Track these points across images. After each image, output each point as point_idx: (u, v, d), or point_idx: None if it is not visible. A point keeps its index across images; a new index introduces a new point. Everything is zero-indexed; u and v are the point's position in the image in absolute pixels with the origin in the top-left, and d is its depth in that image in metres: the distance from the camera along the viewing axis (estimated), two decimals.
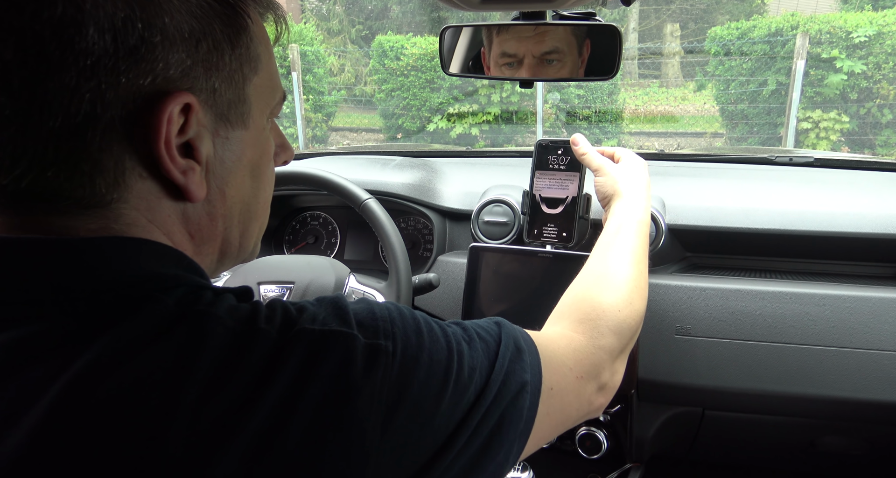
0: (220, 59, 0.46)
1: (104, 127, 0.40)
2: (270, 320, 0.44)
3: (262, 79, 0.50)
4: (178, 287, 0.44)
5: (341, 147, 6.42)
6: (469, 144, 7.54)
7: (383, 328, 0.47)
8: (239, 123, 0.49)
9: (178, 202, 0.47)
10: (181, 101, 0.43)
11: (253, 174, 0.52)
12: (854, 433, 1.14)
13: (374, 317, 0.48)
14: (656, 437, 1.19)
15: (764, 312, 1.04)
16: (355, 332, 0.45)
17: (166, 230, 0.47)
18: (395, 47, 7.90)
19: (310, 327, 0.44)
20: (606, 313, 0.73)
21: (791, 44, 6.42)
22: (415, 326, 0.49)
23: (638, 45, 9.96)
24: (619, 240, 0.84)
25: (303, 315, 0.46)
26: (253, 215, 0.55)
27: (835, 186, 1.25)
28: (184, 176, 0.45)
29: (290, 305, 0.47)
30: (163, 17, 0.41)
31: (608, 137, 7.67)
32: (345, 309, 0.48)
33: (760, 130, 6.86)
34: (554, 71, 0.95)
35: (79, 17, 0.38)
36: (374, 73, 8.29)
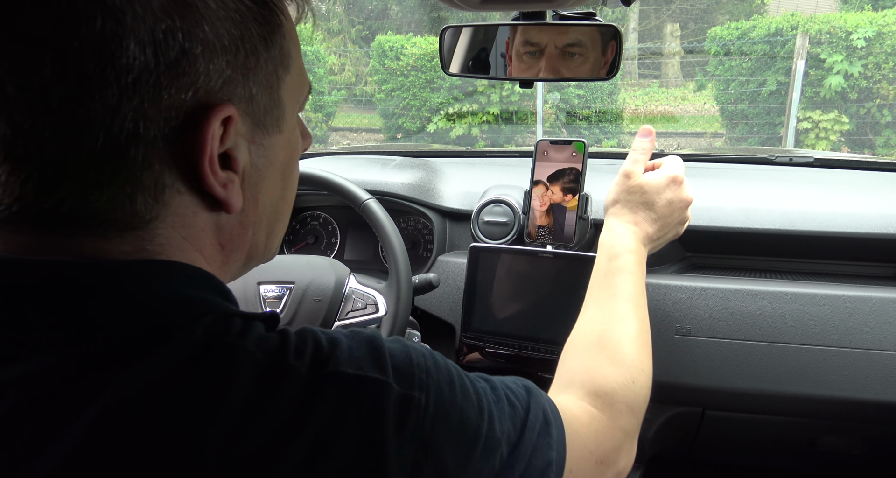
0: (255, 63, 0.43)
1: (146, 145, 0.39)
2: (300, 355, 0.42)
3: (293, 77, 0.48)
4: (207, 314, 0.42)
5: (341, 147, 6.42)
6: (469, 144, 7.54)
7: (419, 378, 0.45)
8: (274, 129, 0.47)
9: (213, 214, 0.45)
10: (223, 114, 0.41)
11: (283, 176, 0.50)
12: (854, 433, 1.14)
13: (411, 363, 0.45)
14: (656, 437, 1.19)
15: (764, 312, 1.04)
16: (390, 380, 0.43)
17: (199, 245, 0.45)
18: (395, 47, 7.90)
19: (343, 370, 0.42)
20: (621, 388, 0.68)
21: (791, 44, 6.42)
22: (448, 378, 0.47)
23: (638, 45, 9.96)
24: (612, 286, 0.78)
25: (335, 352, 0.43)
26: (280, 217, 0.53)
27: (835, 186, 1.25)
28: (225, 189, 0.43)
29: (321, 336, 0.45)
30: (203, 25, 0.39)
31: (608, 137, 7.67)
32: (381, 351, 0.45)
33: (760, 130, 6.86)
34: (575, 65, 0.94)
35: (119, 31, 0.36)
36: (374, 73, 8.29)
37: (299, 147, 0.53)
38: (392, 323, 1.01)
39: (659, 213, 0.85)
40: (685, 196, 0.86)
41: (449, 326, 1.20)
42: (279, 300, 1.04)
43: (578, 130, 7.65)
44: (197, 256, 0.45)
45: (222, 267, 0.48)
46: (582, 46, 0.94)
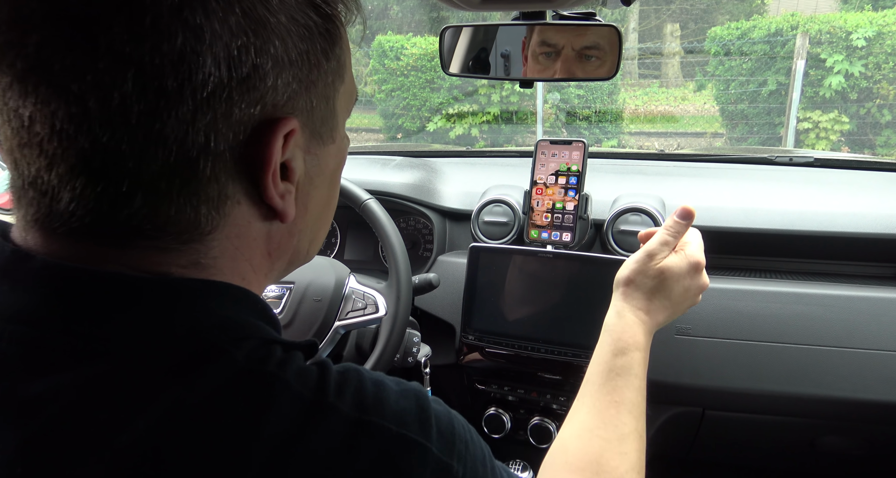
0: (317, 75, 0.44)
1: (215, 158, 0.39)
2: (341, 393, 0.41)
3: (346, 86, 0.48)
4: (250, 339, 0.41)
5: None
6: (469, 144, 7.54)
7: (459, 448, 0.43)
8: (329, 139, 0.47)
9: (266, 223, 0.45)
10: (287, 127, 0.41)
11: (331, 183, 0.50)
12: (854, 433, 1.14)
13: (454, 431, 0.44)
14: (656, 437, 1.19)
15: (764, 312, 1.04)
16: (432, 445, 0.41)
17: (249, 255, 0.45)
18: (395, 47, 7.90)
19: (386, 425, 0.40)
20: None
21: (791, 44, 6.42)
22: (482, 455, 0.46)
23: (638, 45, 9.96)
24: (616, 391, 0.70)
25: (380, 397, 0.42)
26: (324, 223, 0.53)
27: (835, 186, 1.25)
28: (282, 200, 0.44)
29: (365, 376, 0.44)
30: (274, 41, 0.40)
31: (608, 137, 7.67)
32: (427, 410, 0.43)
33: (760, 130, 6.86)
34: (592, 68, 0.94)
35: (198, 48, 0.36)
36: (374, 73, 8.29)
37: (346, 153, 0.53)
38: (392, 323, 1.01)
39: (674, 300, 0.78)
40: (703, 283, 0.79)
41: (449, 326, 1.20)
42: (279, 300, 1.04)
43: (578, 129, 7.65)
44: (246, 266, 0.45)
45: (267, 275, 0.48)
46: (600, 49, 0.93)
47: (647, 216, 1.12)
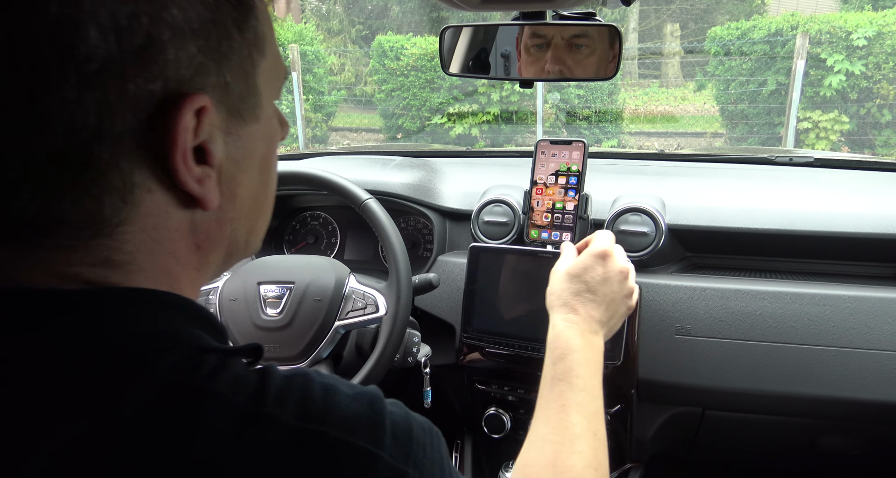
0: (229, 48, 0.40)
1: (113, 141, 0.36)
2: (282, 402, 0.37)
3: (268, 62, 0.45)
4: (177, 347, 0.38)
5: (341, 147, 6.42)
6: (469, 144, 7.54)
7: (415, 453, 0.41)
8: (251, 118, 0.44)
9: (187, 212, 0.42)
10: (196, 104, 0.38)
11: (263, 168, 0.47)
12: (854, 433, 1.14)
13: (411, 436, 0.41)
14: (656, 437, 1.19)
15: (764, 312, 1.04)
16: (384, 451, 0.39)
17: (172, 248, 0.41)
18: (395, 47, 7.90)
19: (333, 433, 0.37)
20: None
21: (791, 44, 6.42)
22: (440, 461, 0.43)
23: (638, 45, 9.96)
24: (561, 396, 0.71)
25: (329, 404, 0.39)
26: (261, 211, 0.50)
27: (835, 186, 1.25)
28: (200, 185, 0.40)
29: (315, 382, 0.40)
30: (170, 8, 0.36)
31: (608, 137, 7.67)
32: (381, 414, 0.40)
33: (760, 130, 6.86)
34: (582, 57, 0.94)
35: (78, 16, 0.33)
36: (374, 73, 8.30)
37: (277, 137, 0.50)
38: (392, 323, 1.01)
39: (599, 293, 0.80)
40: (619, 268, 0.82)
41: (449, 326, 1.20)
42: (279, 300, 1.04)
43: (578, 129, 7.66)
44: (169, 260, 0.42)
45: (199, 269, 0.45)
46: (588, 38, 0.93)
47: (647, 216, 1.12)
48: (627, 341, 1.04)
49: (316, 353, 1.02)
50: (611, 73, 0.94)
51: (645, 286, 1.09)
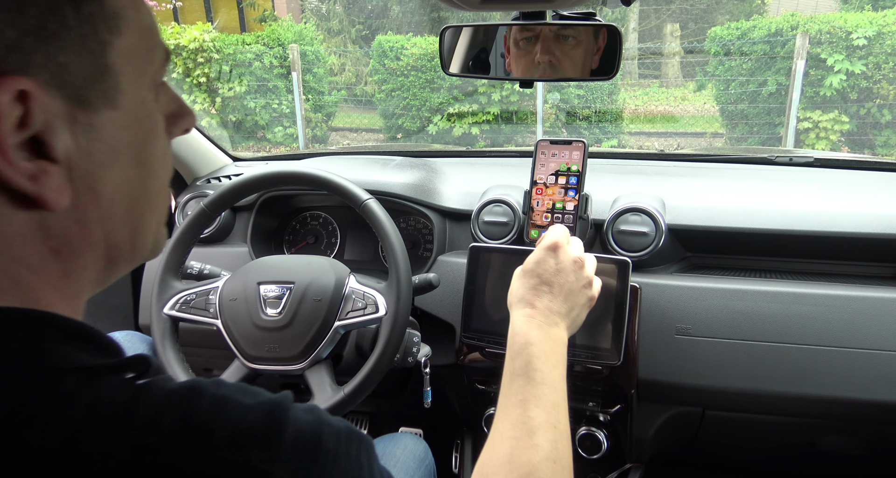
0: (60, 24, 0.35)
1: None
2: (154, 423, 0.33)
3: (129, 41, 0.39)
4: (25, 372, 0.33)
5: (341, 147, 6.42)
6: (469, 143, 7.54)
7: (321, 464, 0.37)
8: (104, 103, 0.38)
9: (31, 213, 0.36)
10: (12, 87, 0.33)
11: (137, 161, 0.41)
12: (854, 433, 1.14)
13: (318, 446, 0.37)
14: (656, 437, 1.19)
15: (764, 312, 1.04)
16: (276, 465, 0.35)
17: (17, 255, 0.36)
18: (395, 47, 7.90)
19: (216, 453, 0.33)
20: None
21: (791, 44, 6.42)
22: (356, 470, 0.40)
23: (638, 45, 9.96)
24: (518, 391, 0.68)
25: (216, 419, 0.35)
26: (145, 209, 0.44)
27: (835, 186, 1.25)
28: (34, 182, 0.35)
29: (204, 395, 0.36)
30: None
31: (608, 137, 7.67)
32: (280, 425, 0.36)
33: (760, 130, 6.86)
34: (569, 48, 0.95)
35: None
36: (374, 73, 8.29)
37: (157, 127, 0.44)
38: (392, 323, 1.01)
39: (555, 285, 0.78)
40: (573, 258, 0.80)
41: (449, 326, 1.20)
42: (279, 300, 1.04)
43: (578, 129, 7.65)
44: (16, 269, 0.37)
45: (66, 277, 0.40)
46: (574, 29, 0.94)
47: (647, 216, 1.12)
48: (627, 341, 1.04)
49: (316, 353, 1.02)
50: (608, 71, 0.94)
51: (645, 286, 1.08)
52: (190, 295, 1.09)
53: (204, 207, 1.13)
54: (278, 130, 8.16)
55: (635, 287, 1.07)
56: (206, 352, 1.33)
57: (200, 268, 1.19)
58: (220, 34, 8.05)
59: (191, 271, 1.18)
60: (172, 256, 1.12)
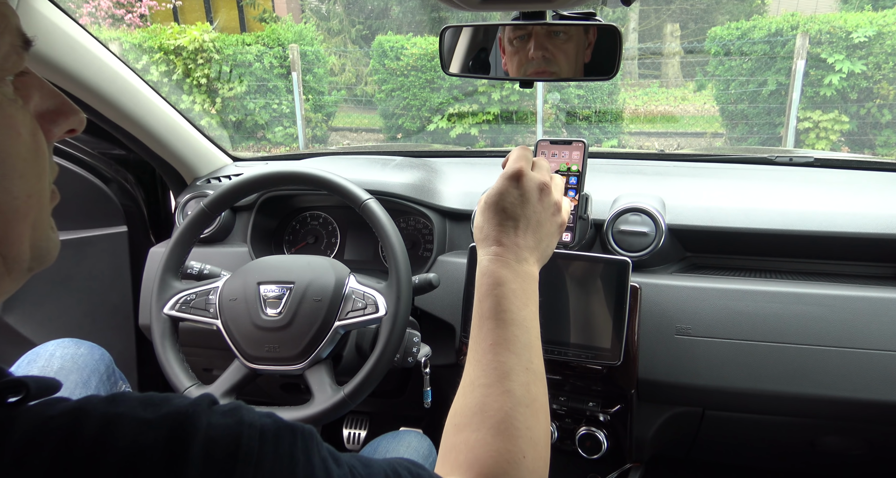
0: None
1: None
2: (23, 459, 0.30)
3: None
4: None
5: (341, 147, 6.42)
6: (469, 144, 7.54)
7: (241, 471, 0.34)
8: None
9: None
10: None
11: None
12: (854, 433, 1.14)
13: (235, 452, 0.34)
14: (656, 437, 1.19)
15: (764, 312, 1.04)
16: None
17: None
18: (395, 47, 7.90)
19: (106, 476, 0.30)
20: (511, 466, 0.57)
21: (791, 44, 6.42)
22: (288, 468, 0.37)
23: (638, 45, 9.96)
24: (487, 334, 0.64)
25: (104, 443, 0.32)
26: (11, 216, 0.38)
27: (835, 186, 1.25)
28: None
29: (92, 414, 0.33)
30: None
31: (608, 137, 7.67)
32: (186, 439, 0.33)
33: (760, 130, 6.86)
34: (561, 42, 0.95)
35: None
36: (374, 73, 8.29)
37: (13, 122, 0.39)
38: (392, 323, 1.01)
39: (521, 217, 0.71)
40: (537, 183, 0.73)
41: (449, 326, 1.20)
42: (279, 300, 1.04)
43: (578, 129, 7.65)
44: None
45: None
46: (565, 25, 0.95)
47: (647, 216, 1.12)
48: (627, 341, 1.04)
49: (316, 353, 1.02)
50: (611, 72, 0.94)
51: (645, 286, 1.09)
52: (190, 295, 1.09)
53: (204, 207, 1.13)
54: (278, 129, 8.16)
55: (635, 287, 1.07)
56: (206, 352, 1.33)
57: (200, 268, 1.19)
58: (220, 34, 8.05)
59: (191, 271, 1.18)
60: (172, 256, 1.12)
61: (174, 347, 1.07)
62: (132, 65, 1.31)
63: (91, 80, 1.20)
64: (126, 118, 1.31)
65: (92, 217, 1.48)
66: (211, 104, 7.98)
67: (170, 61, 7.81)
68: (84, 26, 1.17)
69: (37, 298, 1.38)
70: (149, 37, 7.90)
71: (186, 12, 10.83)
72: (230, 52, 7.95)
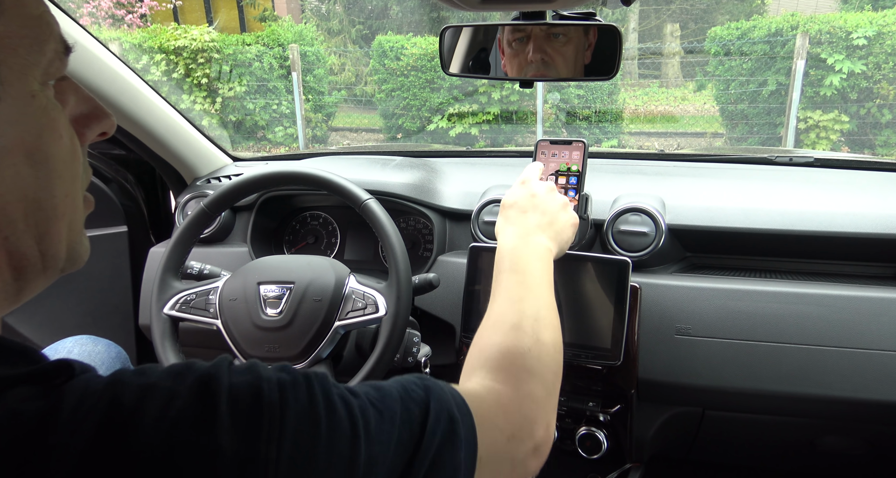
0: None
1: None
2: (78, 424, 0.32)
3: (9, 27, 0.37)
4: None
5: (341, 147, 6.42)
6: (469, 143, 7.54)
7: (268, 425, 0.36)
8: None
9: None
10: None
11: (32, 160, 0.38)
12: (854, 433, 1.14)
13: (259, 405, 0.37)
14: (656, 437, 1.19)
15: (764, 312, 1.04)
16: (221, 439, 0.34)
17: None
18: (395, 47, 7.90)
19: (148, 440, 0.33)
20: (517, 356, 0.66)
21: (791, 44, 6.42)
22: (310, 410, 0.39)
23: (638, 45, 9.96)
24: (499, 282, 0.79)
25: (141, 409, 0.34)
26: (51, 214, 0.40)
27: (835, 186, 1.25)
28: None
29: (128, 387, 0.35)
30: None
31: (608, 137, 7.67)
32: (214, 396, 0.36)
33: (760, 130, 6.86)
34: (560, 45, 0.95)
35: None
36: (374, 73, 8.29)
37: (56, 125, 0.40)
38: (392, 323, 1.01)
39: (529, 208, 0.87)
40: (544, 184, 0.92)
41: (449, 326, 1.20)
42: (279, 300, 1.04)
43: (578, 129, 7.65)
44: None
45: None
46: (564, 27, 0.95)
47: (647, 216, 1.12)
48: (627, 341, 1.04)
49: (316, 353, 1.02)
50: (611, 72, 0.94)
51: (645, 286, 1.09)
52: (190, 295, 1.09)
53: (204, 207, 1.13)
54: (278, 130, 8.16)
55: (635, 287, 1.07)
56: (206, 352, 1.33)
57: (200, 268, 1.19)
58: (220, 34, 8.05)
59: (191, 271, 1.18)
60: (172, 256, 1.12)
61: (174, 347, 1.07)
62: (132, 65, 1.31)
63: (91, 80, 1.20)
64: (126, 118, 1.31)
65: (92, 217, 1.47)
66: (211, 104, 7.99)
67: (170, 61, 7.82)
68: (84, 26, 1.17)
69: (37, 298, 1.38)
70: (149, 37, 7.91)
71: (186, 12, 10.83)
72: (230, 52, 7.96)
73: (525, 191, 0.90)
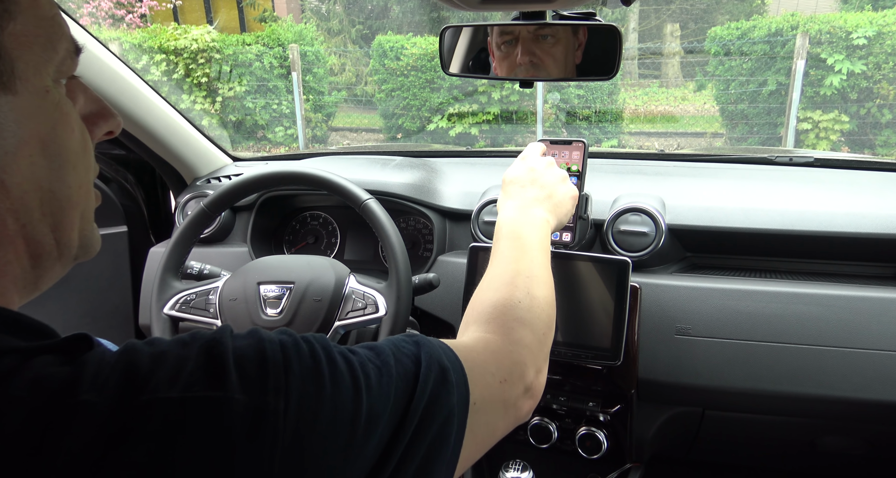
0: None
1: None
2: (100, 386, 0.34)
3: (24, 27, 0.39)
4: None
5: (341, 147, 6.42)
6: (469, 143, 7.54)
7: (274, 379, 0.39)
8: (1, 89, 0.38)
9: None
10: None
11: (47, 152, 0.40)
12: (854, 433, 1.14)
13: (265, 363, 0.39)
14: (656, 437, 1.19)
15: (764, 312, 1.04)
16: (233, 393, 0.36)
17: None
18: (395, 47, 7.90)
19: (164, 395, 0.35)
20: (507, 308, 0.69)
21: (791, 44, 6.42)
22: (313, 366, 0.41)
23: (638, 45, 9.95)
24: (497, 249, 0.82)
25: (157, 372, 0.36)
26: (65, 204, 0.43)
27: (835, 186, 1.25)
28: None
29: (142, 353, 0.38)
30: None
31: (608, 137, 7.67)
32: (221, 357, 0.38)
33: (760, 130, 6.86)
34: (548, 46, 0.95)
35: None
36: (374, 73, 8.29)
37: (69, 120, 0.43)
38: (392, 323, 1.01)
39: (529, 182, 0.89)
40: (543, 160, 0.93)
41: (449, 326, 1.20)
42: (279, 300, 1.04)
43: (578, 129, 7.65)
44: None
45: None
46: (552, 29, 0.95)
47: (647, 216, 1.12)
48: (627, 341, 1.04)
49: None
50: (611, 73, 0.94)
51: (645, 286, 1.09)
52: (190, 295, 1.09)
53: (204, 207, 1.13)
54: (278, 130, 8.16)
55: (635, 287, 1.07)
56: None
57: (200, 268, 1.19)
58: (221, 34, 8.05)
59: (191, 271, 1.18)
60: (172, 256, 1.11)
61: None
62: (132, 65, 1.31)
63: (91, 80, 1.20)
64: (126, 118, 1.31)
65: None
66: (211, 104, 7.99)
67: (170, 61, 7.82)
68: (84, 27, 1.17)
69: (37, 298, 1.38)
70: (149, 37, 7.90)
71: (186, 12, 10.83)
72: (230, 51, 7.96)
73: (524, 166, 0.92)
